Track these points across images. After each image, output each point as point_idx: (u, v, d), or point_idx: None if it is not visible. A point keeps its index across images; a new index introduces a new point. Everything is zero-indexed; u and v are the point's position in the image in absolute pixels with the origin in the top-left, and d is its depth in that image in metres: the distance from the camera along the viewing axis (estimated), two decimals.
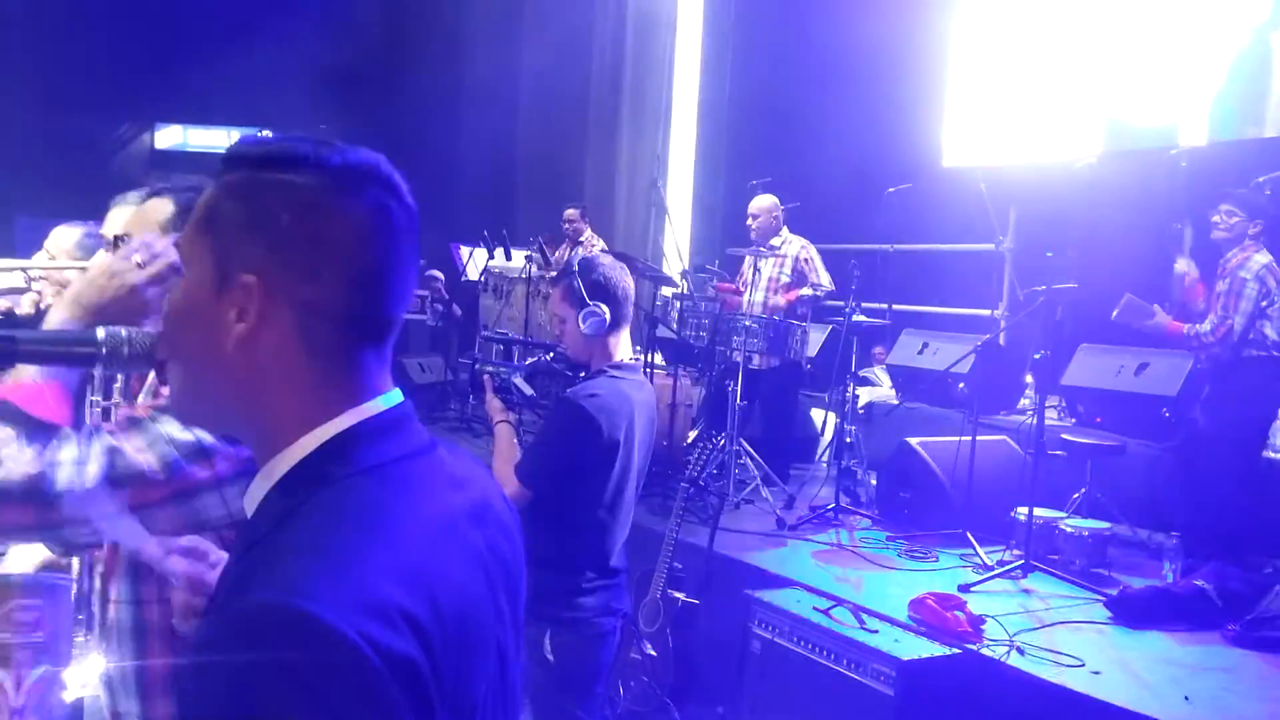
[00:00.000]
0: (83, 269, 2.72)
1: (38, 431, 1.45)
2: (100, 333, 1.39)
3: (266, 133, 1.04)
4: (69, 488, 1.42)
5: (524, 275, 8.12)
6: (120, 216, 2.25)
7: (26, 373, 1.53)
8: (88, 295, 1.59)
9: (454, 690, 0.89)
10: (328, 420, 0.98)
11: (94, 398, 1.79)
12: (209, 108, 11.85)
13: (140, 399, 1.79)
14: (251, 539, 0.96)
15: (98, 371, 1.45)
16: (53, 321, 1.58)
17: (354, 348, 1.00)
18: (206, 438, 1.50)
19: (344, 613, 0.82)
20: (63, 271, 2.99)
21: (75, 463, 1.44)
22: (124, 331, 1.40)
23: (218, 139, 12.36)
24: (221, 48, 10.60)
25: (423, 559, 0.91)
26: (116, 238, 1.79)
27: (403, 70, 11.20)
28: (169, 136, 12.86)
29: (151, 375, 1.69)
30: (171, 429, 1.51)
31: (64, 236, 3.32)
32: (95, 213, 2.37)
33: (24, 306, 2.80)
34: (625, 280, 3.18)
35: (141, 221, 1.77)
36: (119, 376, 1.78)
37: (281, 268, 0.96)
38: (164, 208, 1.76)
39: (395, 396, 1.03)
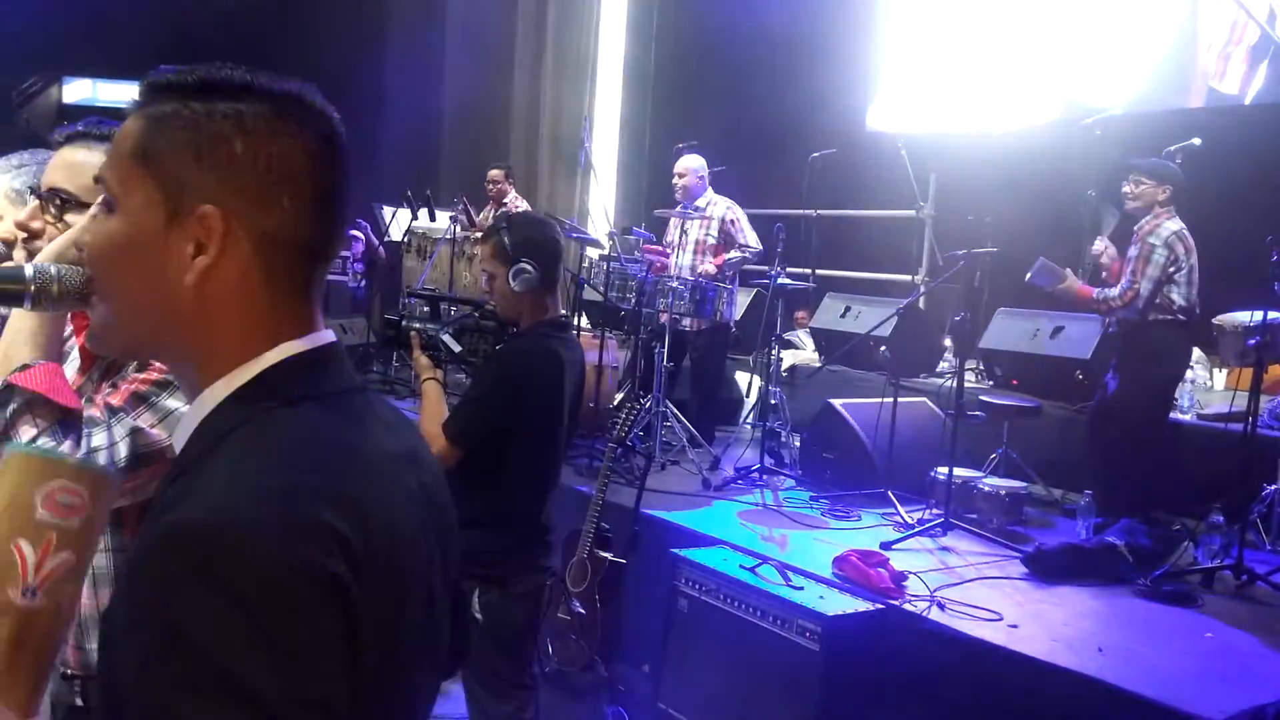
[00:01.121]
0: None
1: (65, 421, 1.49)
2: (27, 269, 1.36)
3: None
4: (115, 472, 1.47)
5: (448, 236, 8.03)
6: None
7: (20, 353, 1.54)
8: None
9: (381, 623, 0.87)
10: (268, 350, 0.96)
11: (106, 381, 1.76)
12: (119, 61, 11.46)
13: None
14: (182, 465, 0.94)
15: (27, 308, 1.42)
16: None
17: (300, 279, 0.99)
18: None
19: (270, 529, 0.81)
20: None
21: (108, 447, 1.50)
22: (53, 268, 1.37)
23: (128, 93, 11.93)
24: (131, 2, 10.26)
25: (357, 487, 0.89)
26: (51, 190, 1.72)
27: (324, 28, 10.94)
28: (77, 90, 12.41)
29: None
30: (176, 403, 1.55)
31: None
32: None
33: None
34: (555, 237, 3.16)
35: (77, 174, 1.71)
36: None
37: (238, 197, 0.94)
38: (97, 157, 1.69)
39: (329, 334, 1.02)
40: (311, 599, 0.81)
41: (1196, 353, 6.00)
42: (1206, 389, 6.18)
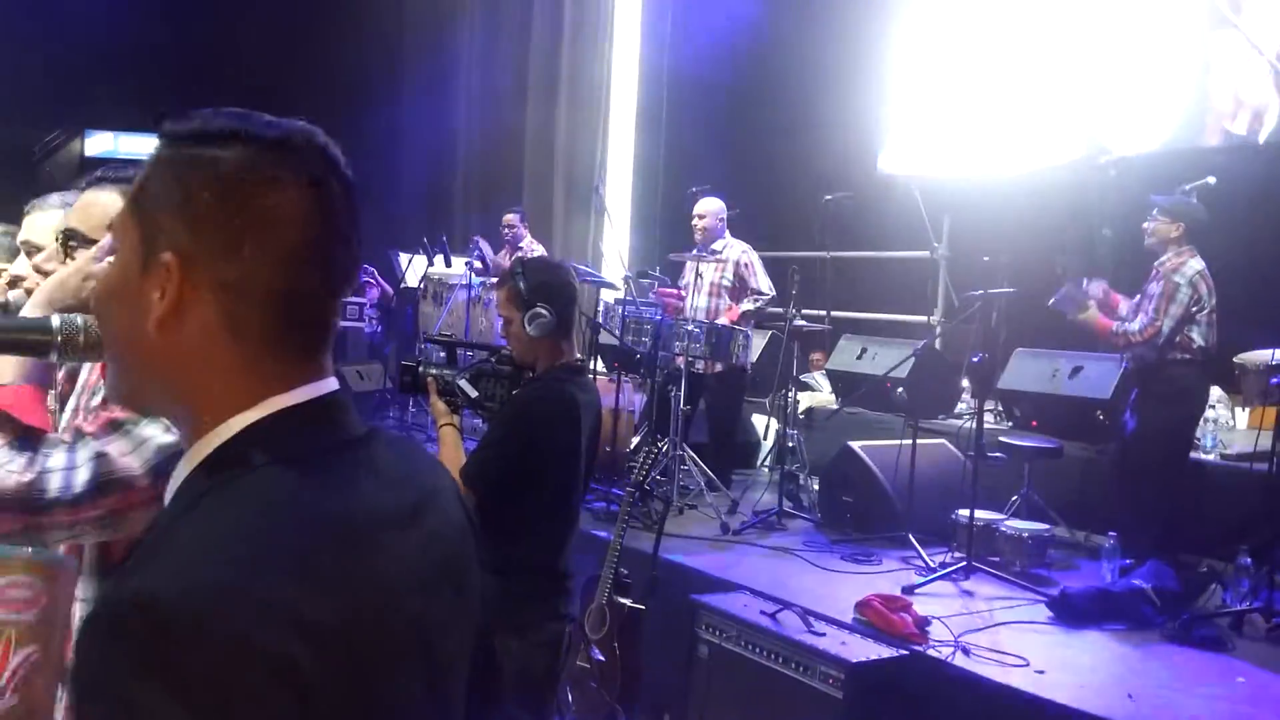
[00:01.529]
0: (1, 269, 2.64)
1: (24, 438, 1.44)
2: (55, 320, 1.37)
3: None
4: (59, 495, 1.41)
5: (464, 282, 8.05)
6: (39, 221, 2.20)
7: (3, 375, 1.50)
8: (59, 296, 1.57)
9: (349, 701, 0.83)
10: (251, 406, 0.93)
11: (67, 403, 1.75)
12: (140, 114, 11.62)
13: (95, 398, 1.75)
14: (153, 528, 0.92)
15: (55, 360, 1.42)
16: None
17: (283, 331, 0.94)
18: None
19: (218, 607, 0.77)
20: None
21: (64, 469, 1.44)
22: (80, 319, 1.37)
23: (149, 146, 12.09)
24: (155, 53, 10.42)
25: (325, 558, 0.86)
26: (66, 233, 1.73)
27: (340, 78, 11.08)
28: (99, 143, 12.59)
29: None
30: (153, 431, 1.49)
31: None
32: (21, 219, 2.31)
33: None
34: (571, 281, 3.16)
35: (88, 216, 1.72)
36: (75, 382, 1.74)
37: (201, 246, 0.92)
38: (113, 199, 1.71)
39: (327, 384, 0.97)
40: (259, 683, 0.77)
41: (1218, 392, 5.94)
42: (1229, 428, 6.10)
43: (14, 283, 2.06)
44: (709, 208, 6.66)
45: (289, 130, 0.96)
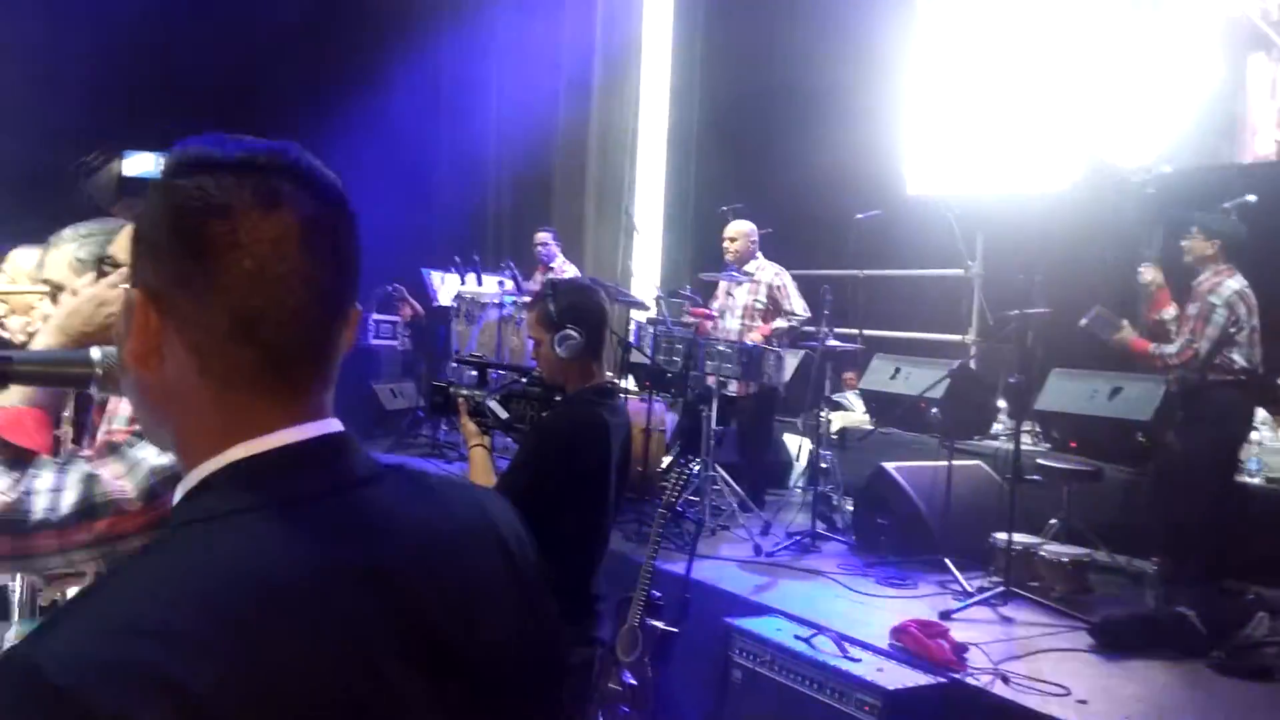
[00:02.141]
0: (41, 292, 2.65)
1: (14, 459, 1.42)
2: (95, 353, 1.35)
3: None
4: (45, 517, 1.38)
5: (495, 301, 8.06)
6: (53, 259, 2.20)
7: (6, 398, 1.50)
8: (73, 323, 1.56)
9: None
10: (217, 453, 0.87)
11: (64, 427, 1.74)
12: (179, 135, 11.73)
13: (114, 425, 1.73)
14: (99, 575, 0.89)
15: (95, 392, 1.40)
16: (38, 347, 1.56)
17: (253, 365, 0.88)
18: None
19: (82, 673, 0.73)
20: (24, 296, 2.92)
21: (51, 490, 1.40)
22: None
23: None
24: (194, 74, 10.52)
25: (222, 624, 0.77)
26: (102, 261, 1.73)
27: (376, 97, 11.15)
28: (138, 164, 12.72)
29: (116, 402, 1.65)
30: (148, 454, 1.47)
31: (23, 259, 3.23)
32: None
33: (17, 333, 2.74)
34: (600, 303, 3.13)
35: (125, 246, 1.72)
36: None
37: (162, 281, 0.88)
38: None
39: (312, 428, 0.90)
40: None
41: (1262, 414, 5.83)
42: (1275, 451, 5.99)
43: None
44: (740, 229, 6.63)
45: (255, 153, 0.90)
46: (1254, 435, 5.56)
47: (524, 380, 3.12)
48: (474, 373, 3.44)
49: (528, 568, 1.02)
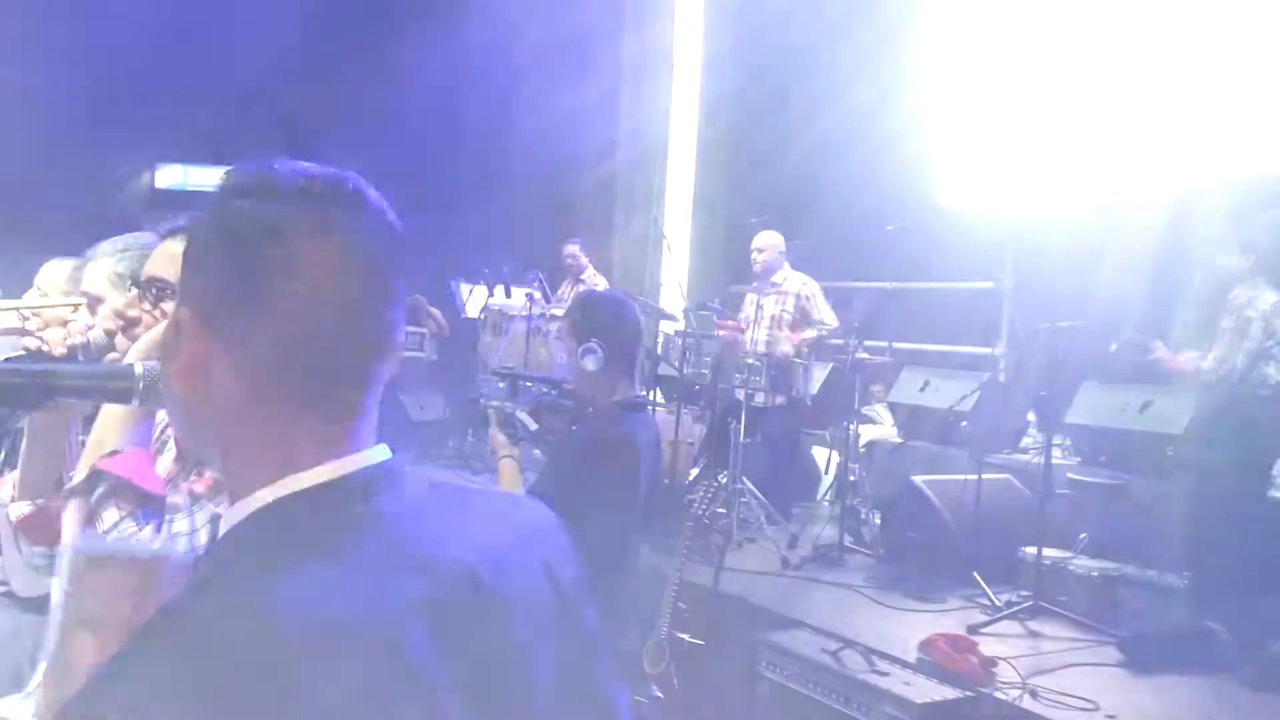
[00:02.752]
0: (74, 305, 2.70)
1: (148, 507, 1.49)
2: (138, 367, 1.38)
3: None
4: (185, 558, 1.44)
5: (524, 313, 8.10)
6: (91, 271, 2.25)
7: (110, 439, 1.55)
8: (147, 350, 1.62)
9: None
10: (270, 483, 0.88)
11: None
12: (211, 147, 11.88)
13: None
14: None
15: (136, 406, 1.45)
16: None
17: (304, 391, 0.89)
18: None
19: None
20: (55, 308, 2.97)
21: (188, 533, 1.49)
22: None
23: (218, 178, 12.36)
24: (225, 86, 10.65)
25: (277, 667, 0.77)
26: (149, 280, 1.77)
27: (402, 107, 11.24)
28: (169, 176, 12.87)
29: None
30: None
31: (55, 272, 3.28)
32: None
33: (56, 346, 2.80)
34: (631, 316, 3.15)
35: (172, 263, 1.76)
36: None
37: (215, 304, 0.89)
38: None
39: (358, 460, 0.90)
40: None
41: None
42: None
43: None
44: (768, 241, 6.65)
45: (313, 179, 0.91)
46: None
47: (554, 393, 3.14)
48: (503, 384, 3.48)
49: (569, 583, 1.03)
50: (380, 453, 0.93)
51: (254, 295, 0.88)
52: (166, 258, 1.79)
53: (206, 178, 12.47)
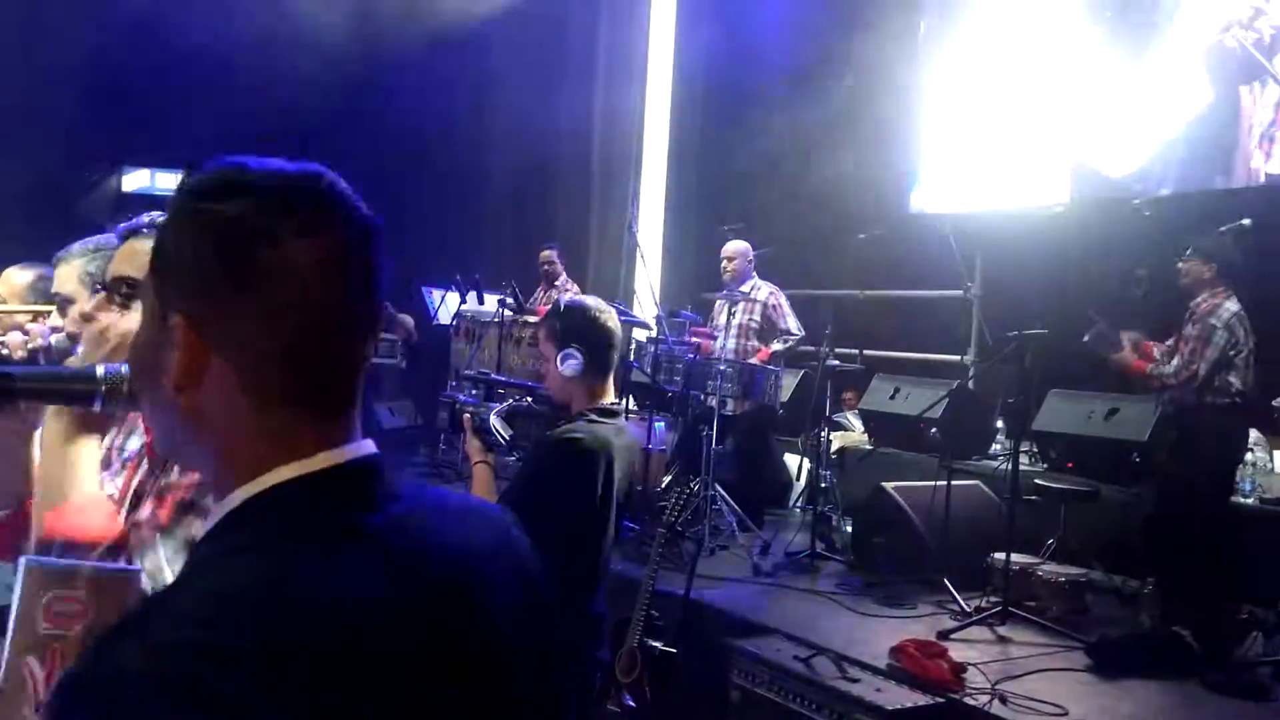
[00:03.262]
0: (36, 312, 2.67)
1: (114, 547, 1.47)
2: (99, 370, 1.37)
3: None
4: (144, 580, 1.42)
5: (496, 319, 8.09)
6: (59, 275, 2.23)
7: (58, 479, 1.52)
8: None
9: None
10: (263, 473, 0.90)
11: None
12: (178, 151, 11.79)
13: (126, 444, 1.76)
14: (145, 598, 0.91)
15: (98, 408, 1.42)
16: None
17: (300, 387, 0.91)
18: None
19: (140, 687, 0.75)
20: (14, 316, 2.93)
21: (158, 570, 1.47)
22: (124, 368, 1.38)
23: (186, 179, 12.27)
24: (191, 91, 10.57)
25: (280, 646, 0.79)
26: (117, 279, 1.75)
27: (371, 111, 11.19)
28: (136, 180, 12.76)
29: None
30: None
31: (16, 279, 3.24)
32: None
33: (16, 350, 2.75)
34: (608, 324, 3.15)
35: (141, 262, 1.74)
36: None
37: (208, 306, 0.90)
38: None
39: (351, 450, 0.93)
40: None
41: (1256, 435, 5.86)
42: (1268, 472, 6.02)
43: (53, 332, 2.09)
44: (737, 249, 6.69)
45: (291, 178, 0.93)
46: (1248, 456, 5.59)
47: (529, 399, 3.14)
48: (475, 390, 3.47)
49: (540, 589, 1.05)
50: (369, 445, 0.95)
51: (248, 295, 0.89)
52: (130, 256, 1.77)
53: (174, 182, 12.36)
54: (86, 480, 1.55)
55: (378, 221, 0.96)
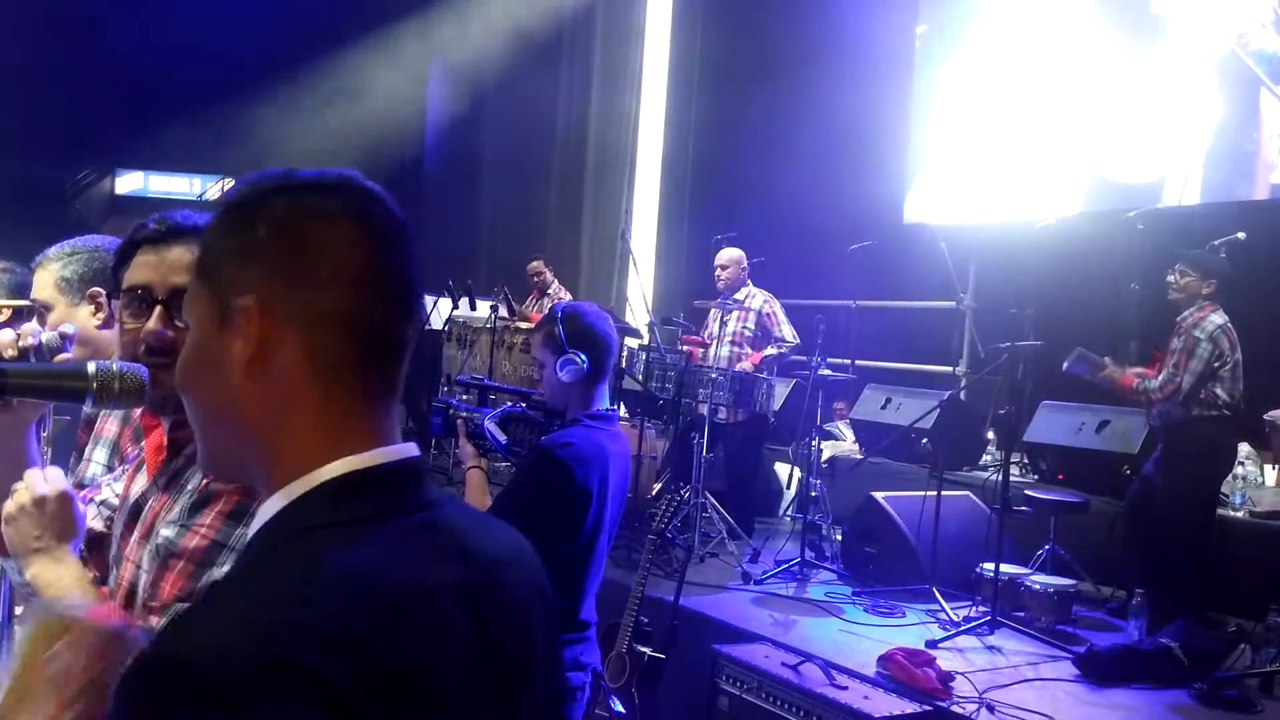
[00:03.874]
0: (10, 307, 2.65)
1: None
2: (91, 366, 1.36)
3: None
4: (143, 634, 1.40)
5: (488, 325, 8.09)
6: (40, 279, 2.22)
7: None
8: None
9: None
10: (327, 462, 0.93)
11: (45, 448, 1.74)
12: (170, 154, 11.79)
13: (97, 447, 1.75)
14: (215, 582, 0.93)
15: (90, 406, 1.42)
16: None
17: (363, 360, 0.96)
18: None
19: (238, 669, 0.78)
20: None
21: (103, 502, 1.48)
22: (115, 366, 1.37)
23: (179, 185, 12.29)
24: (185, 94, 10.57)
25: (363, 625, 0.84)
26: (138, 287, 1.71)
27: (364, 117, 11.20)
28: (129, 182, 12.75)
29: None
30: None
31: None
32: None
33: (7, 348, 2.74)
34: (608, 331, 3.16)
35: (166, 269, 1.68)
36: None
37: (274, 282, 0.94)
38: (187, 256, 1.67)
39: (405, 449, 0.98)
40: None
41: (1246, 448, 5.88)
42: (1258, 485, 6.05)
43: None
44: (730, 257, 6.70)
45: (331, 174, 0.99)
46: (1238, 469, 5.61)
47: (524, 404, 3.14)
48: (466, 396, 3.47)
49: (550, 599, 1.10)
50: (414, 448, 1.00)
51: (312, 264, 0.94)
52: (168, 266, 1.72)
53: (167, 184, 12.36)
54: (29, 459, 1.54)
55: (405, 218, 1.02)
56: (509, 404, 3.19)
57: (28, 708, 1.11)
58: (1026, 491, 5.55)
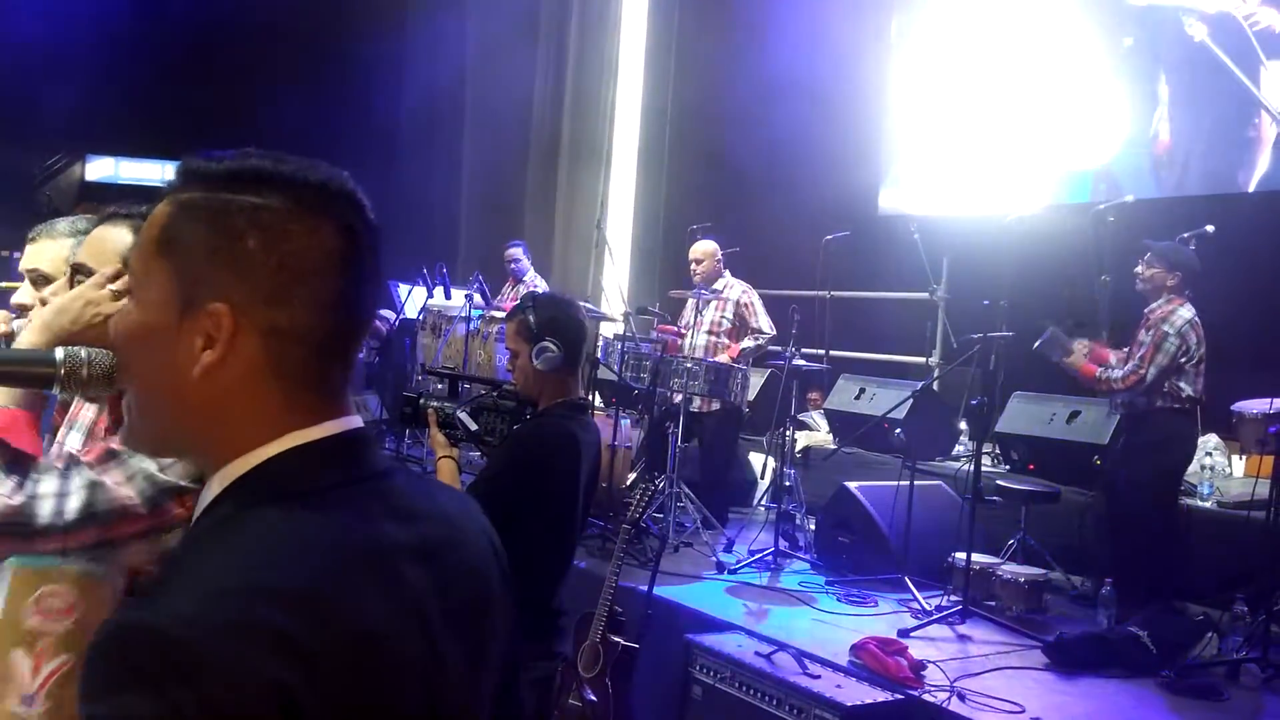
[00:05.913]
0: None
1: (15, 463, 1.41)
2: (59, 352, 1.36)
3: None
4: (51, 521, 1.38)
5: (463, 314, 8.06)
6: (47, 250, 2.18)
7: None
8: (59, 322, 1.55)
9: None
10: (277, 438, 0.94)
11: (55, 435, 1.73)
12: (141, 140, 11.68)
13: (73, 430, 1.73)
14: (170, 556, 0.95)
15: (57, 393, 1.40)
16: (21, 346, 1.54)
17: (320, 370, 0.97)
18: (182, 479, 1.45)
19: (210, 633, 0.79)
20: None
21: (56, 495, 1.41)
22: (83, 352, 1.36)
23: (150, 172, 12.18)
24: (155, 81, 10.47)
25: (325, 585, 0.87)
26: (75, 267, 1.72)
27: (340, 103, 11.13)
28: (100, 168, 12.63)
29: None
30: (146, 464, 1.46)
31: None
32: (22, 243, 2.30)
33: None
34: (580, 319, 3.16)
35: (101, 251, 1.70)
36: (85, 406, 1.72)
37: (251, 294, 0.93)
38: (124, 236, 1.69)
39: (352, 421, 0.99)
40: (248, 705, 0.79)
41: (1214, 439, 5.95)
42: (1226, 476, 6.11)
43: (21, 311, 2.04)
44: (705, 250, 6.70)
45: (323, 175, 0.97)
46: (1206, 460, 5.67)
47: (495, 393, 3.13)
48: (441, 384, 3.46)
49: (500, 551, 1.12)
50: (359, 420, 1.01)
51: (292, 280, 0.94)
52: (96, 244, 1.72)
53: (138, 170, 12.25)
54: (22, 401, 1.53)
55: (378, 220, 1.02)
56: (481, 393, 3.18)
57: (8, 665, 1.11)
58: (998, 482, 5.59)
